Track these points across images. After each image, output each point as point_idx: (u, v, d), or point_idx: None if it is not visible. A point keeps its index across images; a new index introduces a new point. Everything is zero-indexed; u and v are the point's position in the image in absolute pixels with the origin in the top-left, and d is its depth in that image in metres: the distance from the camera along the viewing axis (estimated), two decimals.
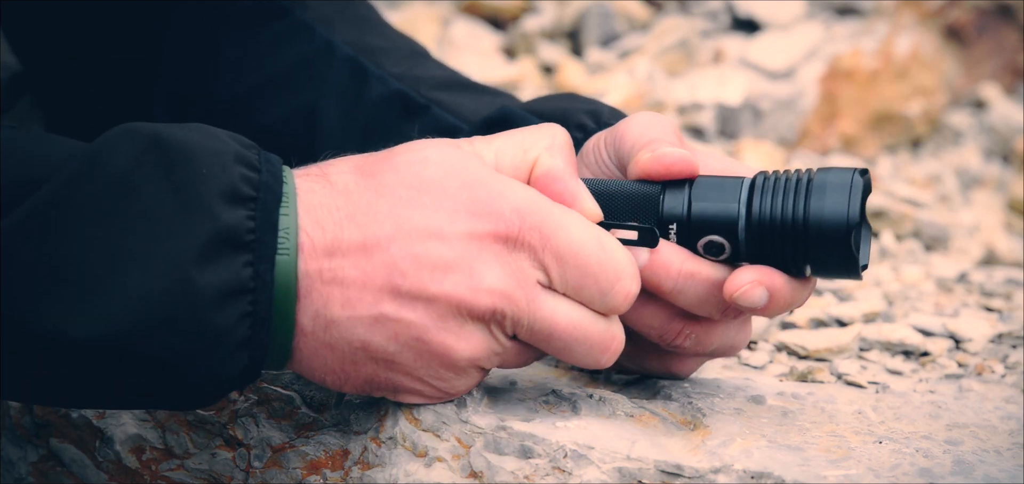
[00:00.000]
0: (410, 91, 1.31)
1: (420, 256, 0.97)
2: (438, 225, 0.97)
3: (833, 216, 1.01)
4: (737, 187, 1.04)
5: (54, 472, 1.17)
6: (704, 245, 1.04)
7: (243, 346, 0.95)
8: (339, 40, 1.35)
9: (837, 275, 1.04)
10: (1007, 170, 2.02)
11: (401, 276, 0.97)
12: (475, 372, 1.01)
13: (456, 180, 0.98)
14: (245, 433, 1.12)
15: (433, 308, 0.97)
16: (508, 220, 0.98)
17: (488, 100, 1.31)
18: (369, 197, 0.98)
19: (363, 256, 0.97)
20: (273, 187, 0.97)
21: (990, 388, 1.20)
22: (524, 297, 0.98)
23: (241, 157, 0.97)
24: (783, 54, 2.03)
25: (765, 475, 1.00)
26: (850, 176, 1.02)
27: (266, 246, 0.95)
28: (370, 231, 0.97)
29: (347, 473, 1.08)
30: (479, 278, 0.97)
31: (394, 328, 0.97)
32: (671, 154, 1.05)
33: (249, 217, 0.95)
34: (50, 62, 1.44)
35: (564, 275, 0.99)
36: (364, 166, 0.99)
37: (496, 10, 2.09)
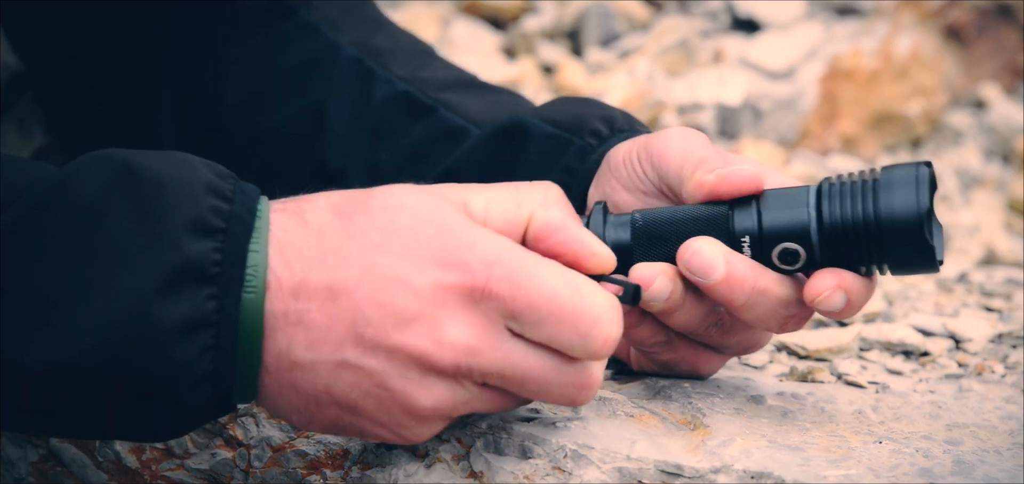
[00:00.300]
0: (416, 92, 1.30)
1: (385, 304, 0.95)
2: (405, 274, 0.95)
3: (904, 209, 1.02)
4: (804, 195, 1.05)
5: (54, 472, 1.17)
6: (779, 254, 1.05)
7: (205, 380, 0.94)
8: (345, 41, 1.35)
9: (915, 269, 1.05)
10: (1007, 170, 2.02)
11: (365, 324, 0.95)
12: (439, 421, 0.99)
13: (428, 228, 0.96)
14: (245, 433, 1.12)
15: (395, 358, 0.95)
16: (475, 271, 0.95)
17: (495, 99, 1.31)
18: (340, 239, 0.96)
19: (329, 300, 0.95)
20: (244, 219, 0.95)
21: (990, 388, 1.20)
22: (490, 349, 0.96)
23: (213, 187, 0.95)
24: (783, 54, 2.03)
25: (765, 475, 1.00)
26: (915, 170, 1.03)
27: (232, 280, 0.94)
28: (338, 274, 0.95)
29: (347, 473, 1.08)
30: (442, 331, 0.95)
31: (356, 375, 0.96)
32: (740, 173, 1.05)
33: (216, 249, 0.94)
34: (51, 62, 1.43)
35: (536, 324, 0.96)
36: (340, 206, 0.98)
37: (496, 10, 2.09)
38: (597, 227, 1.06)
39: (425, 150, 1.28)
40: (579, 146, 1.19)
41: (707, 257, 1.04)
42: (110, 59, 1.40)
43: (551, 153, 1.20)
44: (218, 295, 0.93)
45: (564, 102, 1.26)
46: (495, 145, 1.23)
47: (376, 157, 1.30)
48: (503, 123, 1.24)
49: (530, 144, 1.21)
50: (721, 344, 1.11)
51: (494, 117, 1.26)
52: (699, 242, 1.04)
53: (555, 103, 1.26)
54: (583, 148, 1.18)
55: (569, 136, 1.20)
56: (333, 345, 0.95)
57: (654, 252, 1.06)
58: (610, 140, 1.18)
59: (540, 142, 1.21)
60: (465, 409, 0.98)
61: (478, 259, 0.95)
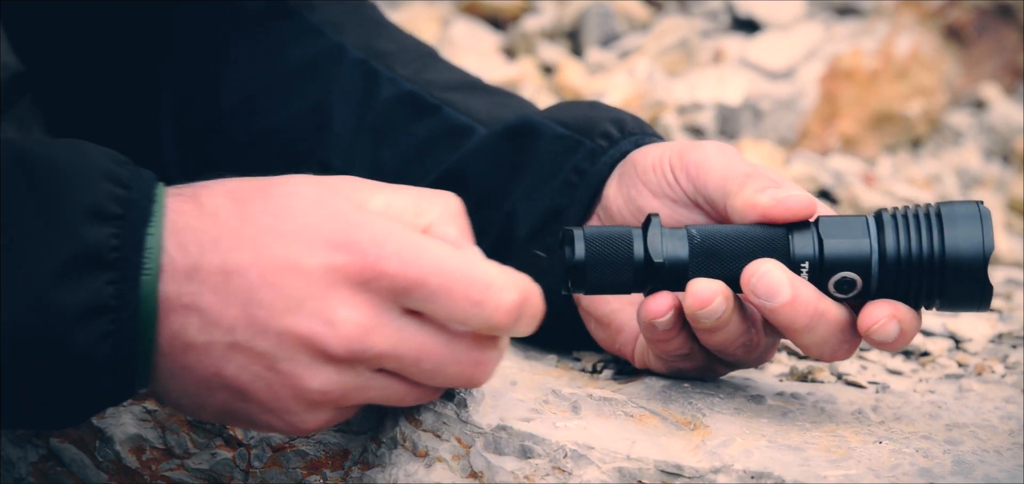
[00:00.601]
0: (421, 91, 1.30)
1: (277, 286, 0.95)
2: (297, 256, 0.95)
3: (969, 247, 1.03)
4: (863, 224, 1.05)
5: (54, 472, 1.17)
6: (836, 282, 1.05)
7: (105, 366, 0.95)
8: (349, 43, 1.34)
9: (966, 307, 1.06)
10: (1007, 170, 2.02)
11: (257, 305, 0.95)
12: (329, 410, 0.98)
13: (321, 213, 0.97)
14: (245, 433, 1.12)
15: (285, 341, 0.95)
16: (365, 250, 0.95)
17: (500, 101, 1.31)
18: (235, 223, 0.96)
19: (223, 282, 0.95)
20: (141, 205, 0.96)
21: (990, 388, 1.20)
22: (382, 329, 0.96)
23: (110, 174, 0.96)
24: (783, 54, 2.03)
25: (765, 475, 1.00)
26: (977, 207, 1.04)
27: (130, 265, 0.94)
28: (231, 257, 0.96)
29: (347, 473, 1.08)
30: (333, 313, 0.95)
31: (247, 357, 0.96)
32: (798, 200, 1.06)
33: (114, 235, 0.94)
34: (51, 62, 1.43)
35: (428, 298, 0.96)
36: (237, 192, 0.98)
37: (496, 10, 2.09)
38: (655, 239, 1.06)
39: (429, 148, 1.28)
40: (589, 148, 1.18)
41: (774, 280, 1.04)
42: (110, 59, 1.40)
43: (561, 153, 1.19)
44: (116, 280, 0.94)
45: (572, 105, 1.26)
46: (502, 144, 1.23)
47: (379, 156, 1.30)
48: (511, 122, 1.24)
49: (539, 144, 1.21)
50: (740, 361, 1.12)
51: (499, 117, 1.26)
52: (766, 265, 1.04)
53: (563, 106, 1.26)
54: (594, 150, 1.18)
55: (579, 137, 1.19)
56: (225, 327, 0.96)
57: (710, 269, 1.06)
58: (621, 143, 1.18)
59: (549, 142, 1.21)
60: (358, 396, 0.98)
61: (368, 239, 0.96)
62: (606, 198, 1.16)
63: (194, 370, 0.97)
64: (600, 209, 1.17)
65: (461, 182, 1.23)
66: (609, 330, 1.16)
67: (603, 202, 1.16)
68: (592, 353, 1.21)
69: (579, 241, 1.06)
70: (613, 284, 1.06)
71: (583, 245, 1.05)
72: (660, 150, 1.13)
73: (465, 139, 1.26)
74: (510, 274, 0.98)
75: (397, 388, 0.99)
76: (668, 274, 1.06)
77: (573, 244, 1.06)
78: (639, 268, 1.06)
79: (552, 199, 1.17)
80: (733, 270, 1.05)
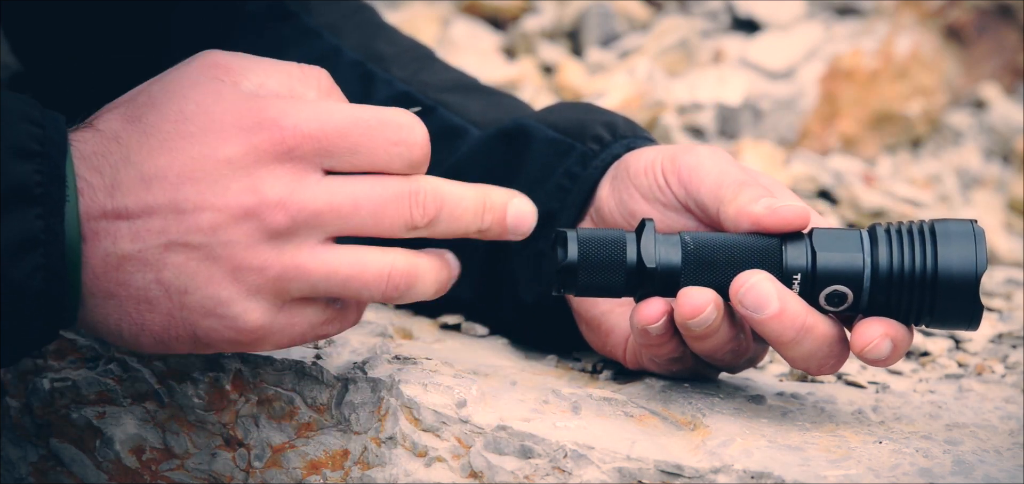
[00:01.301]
0: (416, 92, 1.30)
1: (201, 178, 0.97)
2: (212, 149, 0.98)
3: (962, 266, 1.03)
4: (857, 239, 1.05)
5: (54, 472, 1.17)
6: (827, 295, 1.05)
7: (39, 298, 0.96)
8: (346, 45, 1.34)
9: (955, 325, 1.05)
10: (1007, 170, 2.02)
11: (183, 202, 0.97)
12: (269, 297, 0.99)
13: (220, 104, 0.99)
14: (245, 433, 1.12)
15: (219, 225, 0.98)
16: (280, 123, 0.98)
17: (495, 102, 1.31)
18: (138, 138, 0.98)
19: (144, 190, 0.98)
20: (58, 142, 0.98)
21: (990, 388, 1.20)
22: (313, 189, 0.98)
23: (26, 115, 0.98)
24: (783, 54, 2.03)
25: (765, 475, 1.00)
26: (971, 226, 1.04)
27: (54, 199, 0.96)
28: (147, 166, 0.98)
29: (347, 473, 1.08)
30: (262, 187, 0.98)
31: (184, 254, 0.98)
32: (791, 209, 1.05)
33: (37, 171, 0.96)
34: (51, 62, 1.43)
35: (351, 151, 0.99)
36: (128, 112, 1.00)
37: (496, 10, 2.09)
38: (648, 243, 1.06)
39: None
40: (581, 151, 1.18)
41: (763, 293, 1.04)
42: (110, 59, 1.40)
43: (553, 157, 1.19)
44: (43, 215, 0.96)
45: (565, 107, 1.26)
46: (496, 147, 1.23)
47: None
48: (504, 126, 1.24)
49: (532, 147, 1.21)
50: (729, 366, 1.12)
51: (494, 119, 1.26)
52: (756, 276, 1.04)
53: (556, 108, 1.26)
54: (585, 153, 1.18)
55: (571, 141, 1.19)
56: (156, 230, 0.97)
57: (701, 277, 1.05)
58: (612, 145, 1.18)
59: (542, 145, 1.21)
60: (298, 276, 0.99)
61: (278, 112, 0.98)
62: (598, 201, 1.16)
63: (130, 284, 0.98)
64: (593, 211, 1.17)
65: None
66: (599, 333, 1.16)
67: (595, 205, 1.16)
68: (592, 353, 1.21)
69: (572, 242, 1.06)
70: (604, 287, 1.06)
71: (576, 247, 1.05)
72: (653, 154, 1.13)
73: (460, 140, 1.26)
74: (409, 115, 1.01)
75: (337, 261, 1.00)
76: (660, 280, 1.06)
77: (566, 245, 1.06)
78: (631, 272, 1.06)
79: (545, 203, 1.17)
80: (725, 278, 1.05)
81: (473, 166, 1.23)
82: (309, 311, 1.02)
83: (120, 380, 1.14)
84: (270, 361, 1.12)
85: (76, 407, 1.15)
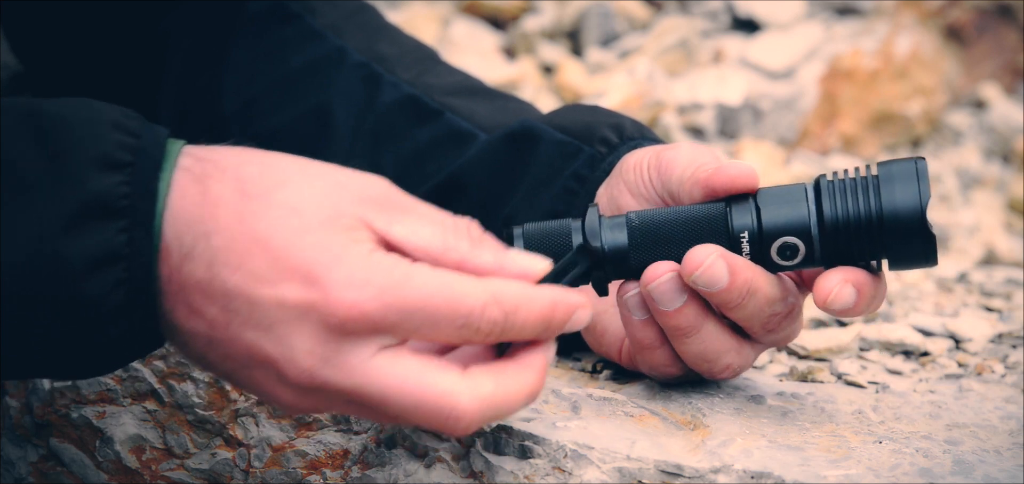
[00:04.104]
0: (422, 95, 1.30)
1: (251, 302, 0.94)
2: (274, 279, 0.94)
3: (907, 203, 1.03)
4: (801, 192, 1.06)
5: (54, 472, 1.17)
6: (778, 248, 1.05)
7: (120, 314, 0.94)
8: (350, 46, 1.34)
9: (914, 263, 1.06)
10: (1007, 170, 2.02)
11: (233, 314, 0.95)
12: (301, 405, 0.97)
13: (311, 238, 0.95)
14: (245, 433, 1.12)
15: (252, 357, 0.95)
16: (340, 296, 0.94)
17: (501, 105, 1.31)
18: (231, 221, 0.95)
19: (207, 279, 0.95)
20: (152, 153, 0.95)
21: (990, 388, 1.20)
22: (342, 369, 0.94)
23: (119, 124, 0.96)
24: (783, 54, 2.03)
25: (765, 475, 1.00)
26: (914, 164, 1.04)
27: (141, 212, 0.94)
28: (219, 256, 0.95)
29: (347, 473, 1.08)
30: (293, 344, 0.94)
31: (222, 354, 0.96)
32: (734, 166, 1.06)
33: (123, 182, 0.94)
34: (51, 62, 1.43)
35: (409, 332, 0.95)
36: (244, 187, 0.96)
37: (496, 10, 2.09)
38: (593, 227, 1.06)
39: (430, 153, 1.28)
40: (589, 154, 1.19)
41: (716, 272, 1.04)
42: (110, 60, 1.40)
43: (560, 159, 1.19)
44: (128, 228, 0.94)
45: (572, 109, 1.26)
46: (503, 150, 1.23)
47: (380, 159, 1.29)
48: (511, 128, 1.24)
49: (539, 150, 1.21)
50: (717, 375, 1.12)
51: (501, 122, 1.26)
52: (706, 256, 1.04)
53: (563, 110, 1.26)
54: (593, 156, 1.18)
55: (579, 144, 1.20)
56: (207, 321, 0.95)
57: (652, 253, 1.06)
58: (620, 148, 1.18)
59: (549, 148, 1.21)
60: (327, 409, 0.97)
61: (344, 279, 0.94)
62: (598, 200, 1.16)
63: (184, 349, 0.97)
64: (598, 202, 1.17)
65: (461, 188, 1.23)
66: (594, 333, 1.16)
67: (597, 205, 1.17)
68: (591, 353, 1.21)
69: (518, 240, 1.06)
70: (560, 277, 1.06)
71: (522, 243, 1.06)
72: (644, 153, 1.14)
73: (466, 145, 1.26)
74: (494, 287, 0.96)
75: (366, 413, 0.97)
76: (611, 261, 1.06)
77: (512, 243, 1.06)
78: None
79: (552, 205, 1.17)
80: (676, 252, 1.06)
81: (480, 170, 1.23)
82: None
83: (120, 380, 1.14)
84: None
85: (76, 407, 1.15)
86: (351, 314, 0.93)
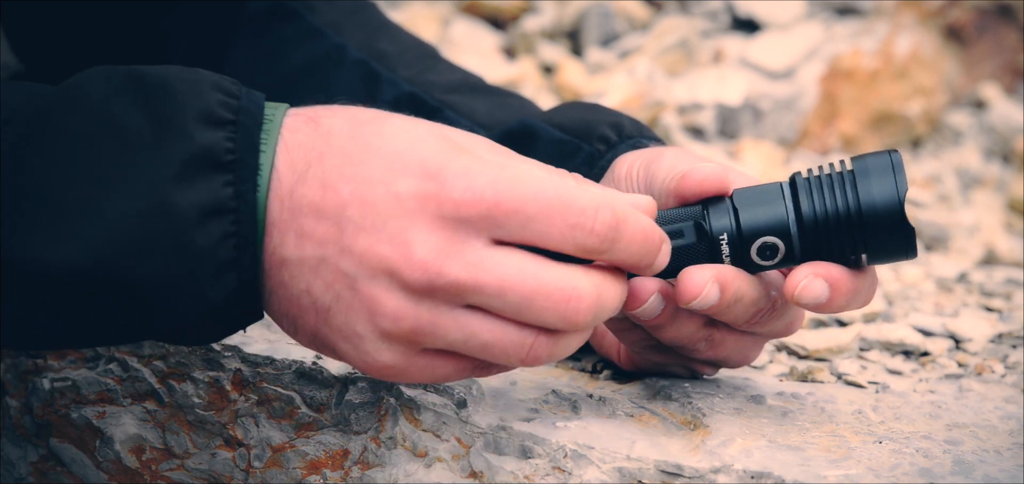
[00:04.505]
0: (422, 93, 1.30)
1: (366, 204, 0.95)
2: (388, 178, 0.95)
3: (884, 196, 1.03)
4: (777, 190, 1.06)
5: (54, 472, 1.17)
6: (758, 249, 1.05)
7: (228, 267, 0.95)
8: (350, 44, 1.34)
9: (894, 256, 1.05)
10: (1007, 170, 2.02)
11: (346, 222, 0.96)
12: (401, 346, 0.97)
13: (423, 145, 0.97)
14: (245, 433, 1.12)
15: (366, 261, 0.95)
16: (454, 183, 0.95)
17: (501, 102, 1.31)
18: (343, 142, 0.97)
19: (319, 197, 0.96)
20: (254, 113, 0.97)
21: (990, 388, 1.20)
22: (460, 260, 0.95)
23: (219, 85, 0.97)
24: (783, 54, 2.03)
25: (765, 475, 1.01)
26: (888, 157, 1.04)
27: (247, 167, 0.95)
28: (331, 173, 0.96)
29: (347, 473, 1.08)
30: (411, 239, 0.95)
31: (332, 275, 0.96)
32: (703, 169, 1.05)
33: (228, 138, 0.95)
34: (51, 62, 1.43)
35: (523, 225, 0.95)
36: (356, 116, 0.98)
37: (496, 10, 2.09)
38: None
39: None
40: (587, 152, 1.19)
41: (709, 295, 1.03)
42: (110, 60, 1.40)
43: (559, 158, 1.20)
44: (234, 182, 0.95)
45: (571, 107, 1.26)
46: None
47: None
48: (511, 126, 1.24)
49: (538, 148, 1.21)
50: (713, 359, 1.12)
51: (500, 120, 1.26)
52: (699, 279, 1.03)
53: (562, 108, 1.26)
54: (591, 154, 1.18)
55: (578, 142, 1.20)
56: (317, 241, 0.96)
57: None
58: (619, 146, 1.18)
59: (548, 146, 1.21)
60: (433, 333, 0.96)
61: (460, 170, 0.95)
62: None
63: (288, 287, 0.97)
64: None
65: None
66: (594, 333, 1.16)
67: None
68: (591, 353, 1.21)
69: None
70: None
71: None
72: (635, 158, 1.14)
73: None
74: (595, 196, 0.97)
75: (477, 327, 0.97)
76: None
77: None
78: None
79: None
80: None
81: None
82: (451, 363, 0.99)
83: (120, 380, 1.15)
84: (270, 361, 1.12)
85: (76, 407, 1.15)
86: (466, 198, 0.94)
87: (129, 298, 0.95)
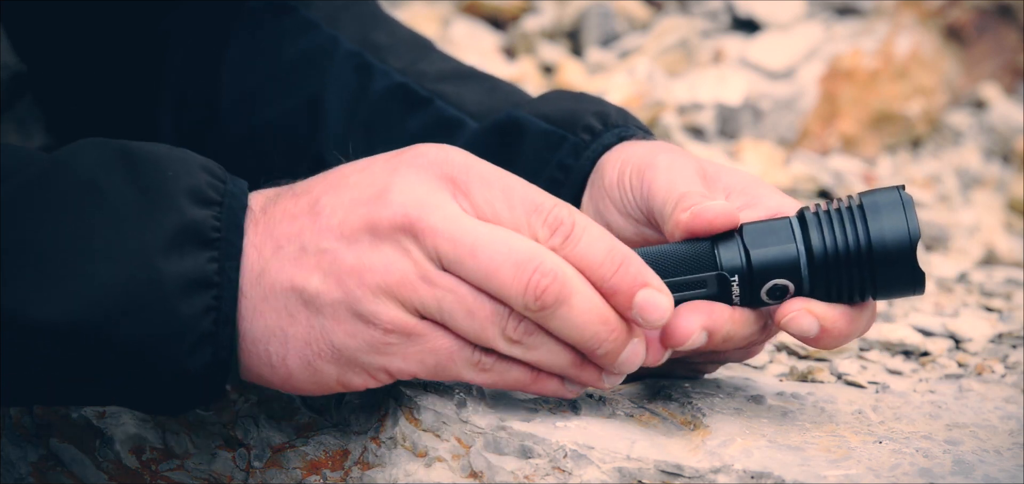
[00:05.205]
0: (413, 83, 1.30)
1: (336, 188, 1.00)
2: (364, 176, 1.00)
3: (895, 235, 1.02)
4: (787, 227, 1.05)
5: (54, 472, 1.17)
6: (768, 290, 1.05)
7: (206, 341, 0.98)
8: (344, 36, 1.35)
9: (902, 293, 1.05)
10: (1007, 170, 2.02)
11: (320, 206, 1.00)
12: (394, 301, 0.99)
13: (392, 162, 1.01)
14: (245, 433, 1.12)
15: (346, 227, 0.99)
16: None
17: (491, 88, 1.31)
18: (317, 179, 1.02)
19: (292, 204, 1.01)
20: (239, 196, 1.00)
21: (990, 388, 1.20)
22: (440, 211, 0.98)
23: (206, 167, 1.01)
24: (783, 54, 2.03)
25: (765, 475, 1.01)
26: (898, 193, 1.03)
27: (231, 246, 0.99)
28: (301, 187, 1.02)
29: (347, 473, 1.08)
30: (389, 193, 0.99)
31: (315, 258, 0.99)
32: (713, 209, 1.05)
33: (215, 217, 0.99)
34: (51, 62, 1.44)
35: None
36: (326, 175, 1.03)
37: (496, 10, 2.09)
38: None
39: (421, 141, 1.28)
40: (573, 142, 1.19)
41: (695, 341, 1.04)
42: (110, 58, 1.40)
43: (545, 150, 1.20)
44: (219, 259, 0.98)
45: (558, 96, 1.26)
46: (491, 141, 1.24)
47: (372, 149, 1.30)
48: (498, 120, 1.24)
49: (525, 140, 1.21)
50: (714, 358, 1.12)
51: (491, 108, 1.26)
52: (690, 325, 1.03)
53: (550, 97, 1.26)
54: (577, 144, 1.18)
55: (563, 132, 1.20)
56: (295, 233, 1.00)
57: None
58: (604, 135, 1.18)
59: (535, 139, 1.21)
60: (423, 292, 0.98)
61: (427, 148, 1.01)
62: (583, 206, 1.16)
63: (272, 297, 1.00)
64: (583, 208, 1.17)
65: None
66: None
67: (581, 208, 1.16)
68: None
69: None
70: None
71: None
72: (623, 164, 1.13)
73: (455, 132, 1.26)
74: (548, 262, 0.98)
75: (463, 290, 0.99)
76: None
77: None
78: None
79: None
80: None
81: None
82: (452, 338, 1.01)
83: None
84: None
85: (76, 407, 1.15)
86: (438, 157, 1.00)
87: (112, 356, 0.97)
